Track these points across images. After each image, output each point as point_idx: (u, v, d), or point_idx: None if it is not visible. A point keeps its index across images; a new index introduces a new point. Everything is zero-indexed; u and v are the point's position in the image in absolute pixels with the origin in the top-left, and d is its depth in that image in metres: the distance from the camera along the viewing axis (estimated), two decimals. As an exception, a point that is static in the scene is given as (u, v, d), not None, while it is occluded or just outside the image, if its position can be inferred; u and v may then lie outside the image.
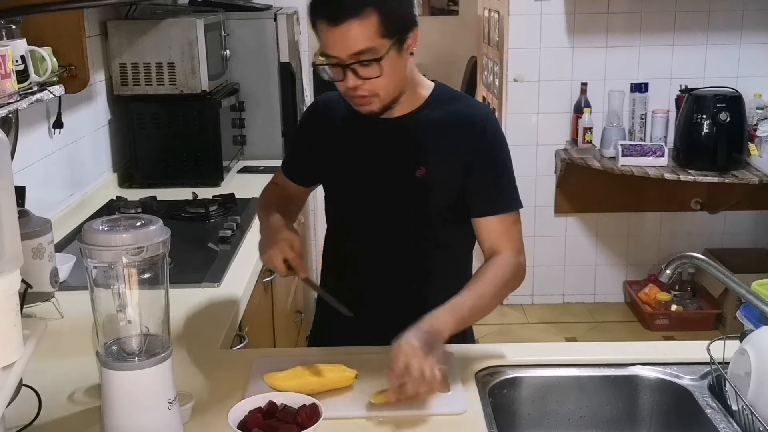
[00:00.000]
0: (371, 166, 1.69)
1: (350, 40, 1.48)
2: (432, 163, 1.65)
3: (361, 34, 1.47)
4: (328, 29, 1.49)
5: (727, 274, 1.56)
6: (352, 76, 1.51)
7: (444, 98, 1.70)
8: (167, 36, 3.00)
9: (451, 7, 8.72)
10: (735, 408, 1.43)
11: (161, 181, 3.08)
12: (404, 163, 1.66)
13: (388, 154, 1.68)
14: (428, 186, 1.65)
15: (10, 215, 1.09)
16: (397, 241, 1.71)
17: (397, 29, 1.52)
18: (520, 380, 1.62)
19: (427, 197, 1.67)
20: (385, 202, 1.70)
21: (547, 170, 4.28)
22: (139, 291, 1.26)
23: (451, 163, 1.65)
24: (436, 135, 1.65)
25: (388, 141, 1.67)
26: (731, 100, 3.71)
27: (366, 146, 1.70)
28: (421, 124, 1.66)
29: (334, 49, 1.50)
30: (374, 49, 1.49)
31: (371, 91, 1.54)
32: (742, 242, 4.35)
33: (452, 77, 7.89)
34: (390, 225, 1.71)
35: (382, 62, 1.51)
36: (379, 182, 1.69)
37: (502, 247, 1.66)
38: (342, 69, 1.51)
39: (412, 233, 1.71)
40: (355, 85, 1.53)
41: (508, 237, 1.67)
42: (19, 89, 2.04)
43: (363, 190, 1.72)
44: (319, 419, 1.31)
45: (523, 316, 4.34)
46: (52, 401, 1.44)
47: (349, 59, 1.49)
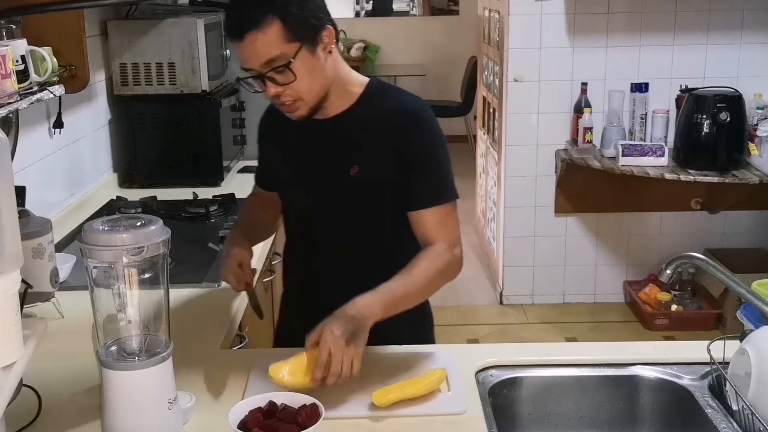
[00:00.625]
0: (309, 168, 1.73)
1: (257, 51, 1.53)
2: (364, 160, 1.67)
3: (266, 43, 1.52)
4: (237, 45, 1.55)
5: (727, 274, 1.56)
6: (271, 85, 1.57)
7: (377, 94, 1.71)
8: (167, 36, 3.00)
9: (451, 7, 8.73)
10: (735, 408, 1.43)
11: (161, 181, 3.08)
12: (338, 162, 1.69)
13: (323, 154, 1.71)
14: (362, 184, 1.67)
15: (10, 215, 1.09)
16: (343, 240, 1.74)
17: (303, 32, 1.55)
18: (521, 380, 1.62)
19: (362, 195, 1.69)
20: (324, 203, 1.73)
21: (548, 170, 4.27)
22: (139, 291, 1.26)
23: (383, 159, 1.66)
24: (369, 132, 1.67)
25: (323, 141, 1.70)
26: (731, 100, 3.71)
27: (305, 148, 1.73)
28: (354, 122, 1.68)
29: (248, 62, 1.56)
30: (283, 55, 1.53)
31: (294, 96, 1.59)
32: (742, 242, 4.34)
33: (452, 77, 7.90)
34: (333, 224, 1.74)
35: (293, 66, 1.54)
36: (317, 183, 1.72)
37: (435, 239, 1.67)
38: (261, 79, 1.57)
39: (356, 231, 1.73)
40: (277, 93, 1.57)
41: (441, 229, 1.68)
42: (20, 89, 2.04)
43: (304, 191, 1.76)
44: (320, 419, 1.31)
45: (523, 316, 4.34)
46: (52, 401, 1.44)
47: (262, 69, 1.54)
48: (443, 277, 1.67)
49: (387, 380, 1.50)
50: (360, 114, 1.68)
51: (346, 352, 1.43)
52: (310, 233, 1.78)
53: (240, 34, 1.52)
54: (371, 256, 1.73)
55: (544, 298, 4.45)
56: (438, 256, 1.65)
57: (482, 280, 4.78)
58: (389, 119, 1.66)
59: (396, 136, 1.65)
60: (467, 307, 4.44)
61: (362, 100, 1.69)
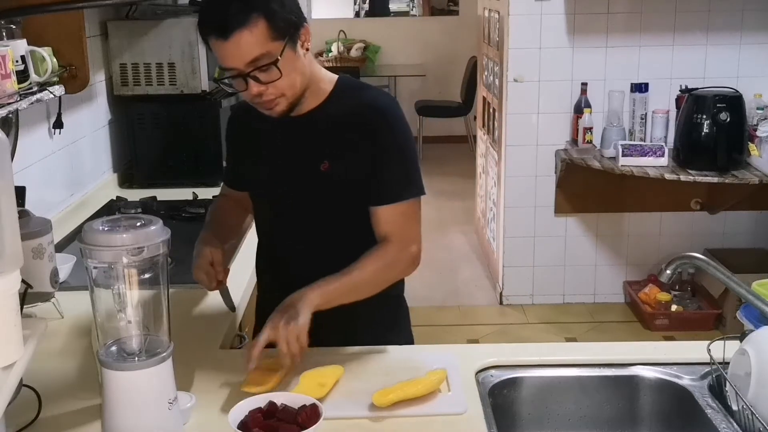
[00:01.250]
0: (280, 165, 1.73)
1: (243, 50, 1.51)
2: (335, 156, 1.67)
3: (253, 42, 1.51)
4: (220, 43, 1.52)
5: (727, 274, 1.56)
6: (254, 84, 1.55)
7: (346, 91, 1.72)
8: (167, 36, 3.00)
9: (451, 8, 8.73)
10: (735, 408, 1.43)
11: (161, 182, 3.08)
12: (308, 158, 1.69)
13: (294, 151, 1.72)
14: (332, 179, 1.68)
15: (10, 215, 1.09)
16: (315, 236, 1.75)
17: (286, 29, 1.55)
18: (520, 380, 1.62)
19: (332, 190, 1.70)
20: (295, 199, 1.73)
21: (547, 170, 4.27)
22: (139, 291, 1.26)
23: (352, 154, 1.67)
24: (339, 128, 1.68)
25: (294, 138, 1.71)
26: (731, 100, 3.71)
27: (276, 145, 1.74)
28: (324, 118, 1.69)
29: (230, 61, 1.54)
30: (268, 53, 1.53)
31: (276, 93, 1.58)
32: (742, 242, 4.35)
33: (452, 77, 7.90)
34: (304, 220, 1.75)
35: (280, 64, 1.54)
36: (288, 179, 1.73)
37: (389, 236, 1.68)
38: (243, 79, 1.55)
39: (328, 226, 1.74)
40: (259, 91, 1.56)
41: (396, 226, 1.68)
42: (20, 89, 2.04)
43: (275, 188, 1.76)
44: (319, 419, 1.31)
45: (523, 316, 4.34)
46: (52, 401, 1.44)
47: (246, 68, 1.53)
48: (390, 273, 1.70)
49: (387, 380, 1.50)
50: (330, 110, 1.69)
51: (288, 330, 1.50)
52: (283, 231, 1.79)
53: (225, 32, 1.50)
54: (343, 252, 1.71)
55: (544, 298, 4.45)
56: (386, 253, 1.66)
57: (482, 281, 4.78)
58: (358, 115, 1.67)
59: (364, 131, 1.66)
60: (467, 307, 4.45)
61: (332, 97, 1.70)
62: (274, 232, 1.83)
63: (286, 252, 1.80)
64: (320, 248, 1.75)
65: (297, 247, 1.77)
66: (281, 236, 1.80)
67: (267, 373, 1.52)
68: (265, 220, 1.85)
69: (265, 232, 1.86)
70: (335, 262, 1.69)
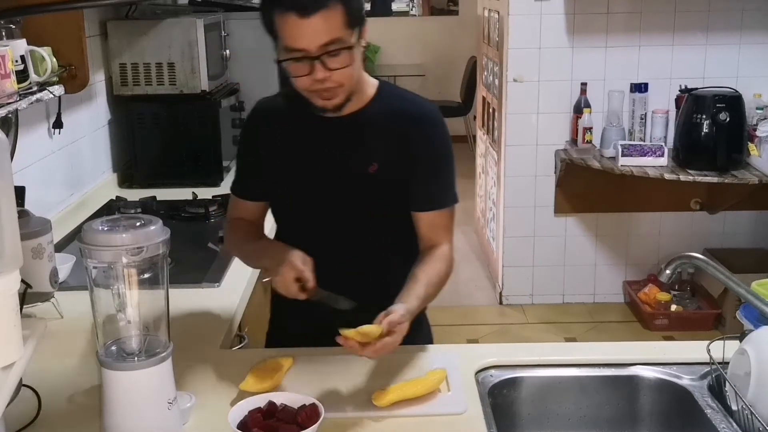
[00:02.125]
0: (325, 165, 1.70)
1: (320, 31, 1.50)
2: (383, 158, 1.67)
3: (330, 25, 1.50)
4: (295, 22, 1.49)
5: (726, 274, 1.56)
6: (320, 69, 1.52)
7: (390, 95, 1.72)
8: (167, 36, 3.00)
9: (450, 8, 8.73)
10: (735, 408, 1.43)
11: (161, 181, 3.08)
12: (357, 159, 1.68)
13: (340, 152, 1.70)
14: (381, 181, 1.68)
15: (10, 215, 1.09)
16: (354, 237, 1.74)
17: (357, 21, 1.55)
18: (520, 380, 1.62)
19: (380, 192, 1.69)
20: (340, 200, 1.71)
21: (547, 170, 4.27)
22: (138, 291, 1.26)
23: (399, 158, 1.67)
24: (385, 131, 1.68)
25: (340, 139, 1.69)
26: (731, 100, 3.71)
27: (317, 146, 1.71)
28: (370, 120, 1.68)
29: (302, 42, 1.51)
30: (341, 39, 1.52)
31: (338, 82, 1.56)
32: (741, 242, 4.35)
33: (452, 77, 7.90)
34: (346, 222, 1.73)
35: (353, 51, 1.53)
36: (334, 180, 1.70)
37: (442, 240, 1.71)
38: (310, 62, 1.52)
39: (369, 228, 1.73)
40: (324, 77, 1.54)
41: (446, 230, 1.72)
42: (19, 89, 2.04)
43: (318, 189, 1.72)
44: (319, 419, 1.31)
45: (522, 316, 4.34)
46: (52, 401, 1.44)
47: (317, 51, 1.51)
48: (447, 278, 1.71)
49: (387, 380, 1.50)
50: (375, 113, 1.68)
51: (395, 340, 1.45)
52: (319, 234, 1.73)
53: (306, 10, 1.48)
54: (380, 254, 1.73)
55: (544, 298, 4.45)
56: (447, 258, 1.70)
57: (482, 280, 4.78)
58: (408, 119, 1.68)
59: (414, 136, 1.67)
60: (467, 307, 4.44)
61: (376, 100, 1.69)
62: (308, 236, 1.73)
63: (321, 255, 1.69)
64: (358, 250, 1.73)
65: (334, 250, 1.72)
66: (317, 240, 1.71)
67: (267, 373, 1.52)
68: (296, 224, 1.77)
69: (295, 237, 1.73)
70: (370, 264, 1.71)
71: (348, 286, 1.60)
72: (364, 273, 1.72)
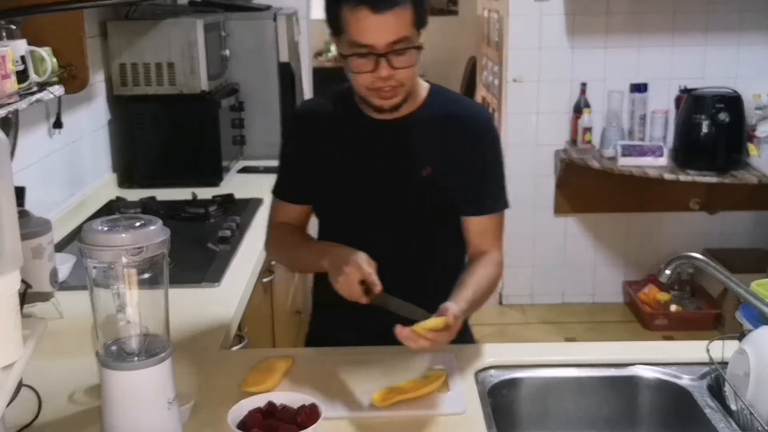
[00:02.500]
0: (376, 168, 1.68)
1: (390, 29, 1.49)
2: (436, 162, 1.66)
3: (401, 23, 1.50)
4: (367, 17, 1.49)
5: (726, 274, 1.56)
6: (386, 66, 1.52)
7: (441, 99, 1.71)
8: (167, 36, 3.00)
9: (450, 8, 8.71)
10: (734, 408, 1.43)
11: (161, 182, 3.08)
12: (410, 163, 1.67)
13: (393, 155, 1.68)
14: (435, 185, 1.66)
15: (10, 215, 1.09)
16: (405, 241, 1.71)
17: (423, 22, 1.55)
18: (520, 380, 1.62)
19: (433, 196, 1.68)
20: (389, 204, 1.69)
21: (547, 170, 4.28)
22: (138, 291, 1.26)
23: (453, 162, 1.66)
24: (438, 135, 1.67)
25: (392, 142, 1.67)
26: (730, 101, 3.72)
27: (368, 148, 1.69)
28: (423, 124, 1.67)
29: (371, 37, 1.50)
30: (409, 38, 1.52)
31: (400, 81, 1.55)
32: (741, 242, 4.35)
33: (452, 77, 7.88)
34: (398, 226, 1.70)
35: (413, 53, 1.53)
36: (387, 183, 1.68)
37: (492, 246, 1.70)
38: (375, 59, 1.52)
39: (420, 232, 1.71)
40: (389, 75, 1.53)
41: (497, 236, 1.71)
42: (19, 89, 2.04)
43: (367, 193, 1.70)
44: (319, 419, 1.31)
45: (522, 316, 4.34)
46: (52, 401, 1.44)
47: (385, 48, 1.51)
48: (497, 284, 1.70)
49: (387, 380, 1.50)
50: (428, 116, 1.67)
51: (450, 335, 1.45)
52: (368, 238, 1.65)
53: (379, 7, 1.47)
54: (428, 257, 1.73)
55: (544, 298, 4.45)
56: (497, 263, 1.69)
57: (481, 281, 4.77)
58: (460, 123, 1.67)
59: (467, 140, 1.66)
60: (466, 308, 4.44)
61: (428, 103, 1.69)
62: (353, 240, 1.65)
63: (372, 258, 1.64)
64: (403, 252, 1.71)
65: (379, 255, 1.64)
66: (362, 244, 1.64)
67: (267, 373, 1.52)
68: (342, 228, 1.73)
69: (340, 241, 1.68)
70: (415, 267, 1.70)
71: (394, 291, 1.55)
72: (408, 280, 1.67)
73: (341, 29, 1.54)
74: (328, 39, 7.66)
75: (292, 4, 3.85)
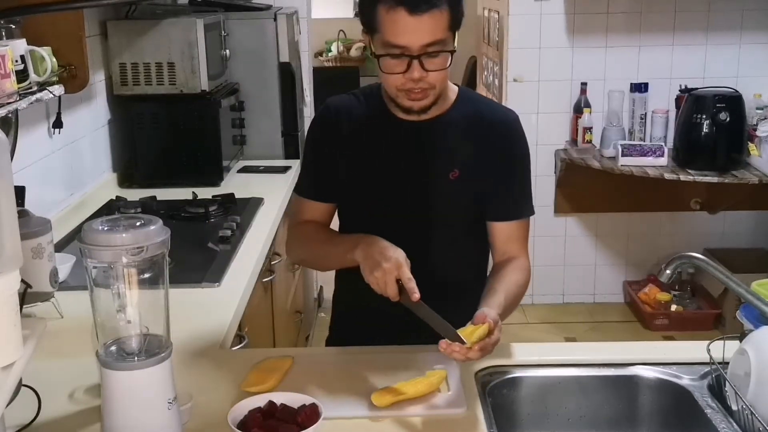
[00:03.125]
0: (403, 169, 1.67)
1: (426, 31, 1.48)
2: (464, 165, 1.65)
3: (437, 26, 1.49)
4: (404, 18, 1.47)
5: (726, 274, 1.56)
6: (419, 68, 1.51)
7: (471, 101, 1.71)
8: (167, 36, 3.00)
9: (451, 7, 8.70)
10: (735, 408, 1.43)
11: (161, 181, 3.08)
12: (438, 165, 1.66)
13: (421, 156, 1.67)
14: (461, 188, 1.66)
15: (10, 215, 1.09)
16: (428, 243, 1.70)
17: (458, 25, 1.55)
18: (520, 380, 1.62)
19: (460, 199, 1.67)
20: (418, 205, 1.68)
21: (547, 170, 4.27)
22: (138, 291, 1.26)
23: (480, 165, 1.66)
24: (466, 137, 1.66)
25: (421, 143, 1.66)
26: (731, 100, 3.71)
27: (397, 148, 1.68)
28: (452, 126, 1.66)
29: (406, 39, 1.49)
30: (443, 41, 1.51)
31: (431, 83, 1.55)
32: (741, 242, 4.35)
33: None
34: (422, 228, 1.69)
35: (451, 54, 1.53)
36: (414, 184, 1.67)
37: (519, 252, 1.70)
38: (408, 60, 1.51)
39: (445, 234, 1.70)
40: (420, 77, 1.52)
41: (522, 242, 1.71)
42: (19, 89, 2.04)
43: (393, 193, 1.68)
44: (319, 419, 1.31)
45: (522, 316, 4.34)
46: (52, 401, 1.44)
47: (419, 50, 1.50)
48: (525, 291, 1.69)
49: (387, 380, 1.50)
50: (457, 118, 1.67)
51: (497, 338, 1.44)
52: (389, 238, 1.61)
53: (418, 8, 1.46)
54: (450, 261, 1.71)
55: (544, 298, 4.45)
56: (525, 269, 1.69)
57: (482, 280, 4.77)
58: (489, 126, 1.67)
59: (495, 143, 1.66)
60: (467, 307, 4.44)
61: (456, 105, 1.68)
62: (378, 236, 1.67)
63: None
64: (428, 254, 1.68)
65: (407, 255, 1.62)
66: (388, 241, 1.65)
67: (267, 373, 1.52)
68: (365, 228, 1.65)
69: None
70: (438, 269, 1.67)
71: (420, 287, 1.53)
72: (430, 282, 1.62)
73: (375, 28, 1.53)
74: (328, 39, 7.68)
75: (293, 3, 3.85)
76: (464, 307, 1.53)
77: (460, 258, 1.74)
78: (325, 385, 1.50)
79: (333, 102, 1.74)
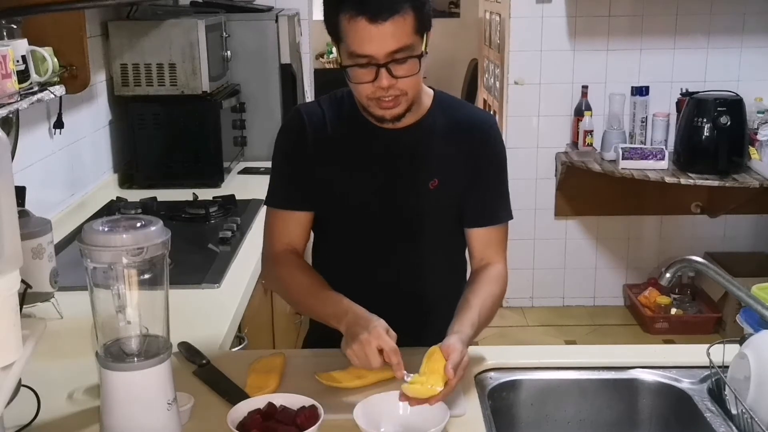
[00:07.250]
0: (383, 179, 1.63)
1: (390, 38, 1.43)
2: (443, 173, 1.61)
3: (401, 32, 1.44)
4: (365, 27, 1.43)
5: (727, 277, 1.56)
6: (386, 76, 1.46)
7: (446, 105, 1.66)
8: (168, 37, 3.00)
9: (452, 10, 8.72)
10: (734, 412, 1.43)
11: (161, 182, 3.08)
12: (416, 174, 1.62)
13: (398, 164, 1.62)
14: (441, 197, 1.62)
15: (10, 215, 1.09)
16: (408, 252, 1.67)
17: (426, 27, 1.50)
18: (520, 383, 1.62)
19: (441, 209, 1.64)
20: (392, 215, 1.64)
21: (548, 173, 4.28)
22: (138, 292, 1.26)
23: (459, 171, 1.62)
24: (444, 143, 1.62)
25: (398, 151, 1.61)
26: (732, 104, 3.71)
27: (373, 157, 1.62)
28: (428, 132, 1.62)
29: (371, 48, 1.44)
30: (410, 46, 1.46)
31: (402, 90, 1.49)
32: (742, 246, 4.34)
33: (453, 80, 7.88)
34: (401, 238, 1.66)
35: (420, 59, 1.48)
36: (392, 195, 1.63)
37: (496, 258, 1.65)
38: (376, 69, 1.46)
39: (424, 243, 1.67)
40: (390, 84, 1.47)
41: (500, 248, 1.66)
42: (20, 89, 2.04)
43: (373, 204, 1.64)
44: (319, 421, 1.31)
45: (522, 319, 4.34)
46: (51, 401, 1.44)
47: (385, 58, 1.45)
48: (501, 301, 1.65)
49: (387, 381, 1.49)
50: (434, 125, 1.62)
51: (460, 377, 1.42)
52: (369, 249, 1.65)
53: (378, 16, 1.41)
54: (430, 269, 1.68)
55: (544, 301, 4.45)
56: (501, 278, 1.63)
57: (482, 283, 4.77)
58: (465, 131, 1.62)
59: (472, 148, 1.62)
60: (467, 310, 4.43)
61: (432, 111, 1.63)
62: (353, 252, 1.67)
63: (366, 273, 1.66)
64: (406, 264, 1.67)
65: (385, 265, 1.65)
66: (366, 255, 1.66)
67: (266, 374, 1.52)
68: (341, 239, 1.69)
69: (338, 254, 1.70)
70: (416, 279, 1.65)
71: (393, 305, 1.53)
72: (410, 291, 1.66)
73: (340, 38, 1.49)
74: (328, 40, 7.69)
75: (294, 5, 3.85)
76: (444, 318, 1.52)
77: (439, 265, 1.70)
78: (325, 387, 1.50)
79: (305, 110, 1.67)
